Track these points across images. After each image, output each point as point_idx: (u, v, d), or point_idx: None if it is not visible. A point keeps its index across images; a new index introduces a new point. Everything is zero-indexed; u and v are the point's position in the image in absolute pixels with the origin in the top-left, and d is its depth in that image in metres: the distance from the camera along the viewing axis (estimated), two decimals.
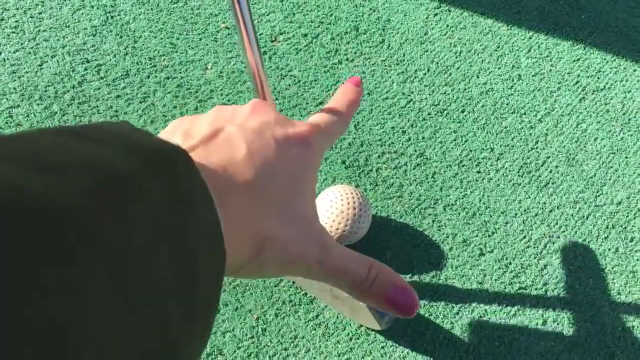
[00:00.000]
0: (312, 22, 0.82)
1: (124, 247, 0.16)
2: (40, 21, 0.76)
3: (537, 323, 0.63)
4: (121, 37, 0.76)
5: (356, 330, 0.61)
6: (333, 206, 0.60)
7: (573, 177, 0.74)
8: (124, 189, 0.17)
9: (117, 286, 0.15)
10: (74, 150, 0.17)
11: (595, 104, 0.81)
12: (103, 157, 0.18)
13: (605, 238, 0.70)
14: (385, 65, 0.80)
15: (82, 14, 0.77)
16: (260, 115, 0.37)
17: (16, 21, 0.75)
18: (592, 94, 0.82)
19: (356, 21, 0.84)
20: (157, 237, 0.18)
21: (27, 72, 0.72)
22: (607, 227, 0.71)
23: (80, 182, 0.16)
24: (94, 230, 0.15)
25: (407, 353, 0.60)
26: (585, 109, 0.80)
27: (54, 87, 0.71)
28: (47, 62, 0.73)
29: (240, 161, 0.32)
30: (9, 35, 0.74)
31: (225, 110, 0.37)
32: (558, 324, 0.63)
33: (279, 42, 0.80)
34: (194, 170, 0.23)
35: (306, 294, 0.61)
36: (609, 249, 0.69)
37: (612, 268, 0.68)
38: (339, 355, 0.59)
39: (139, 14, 0.79)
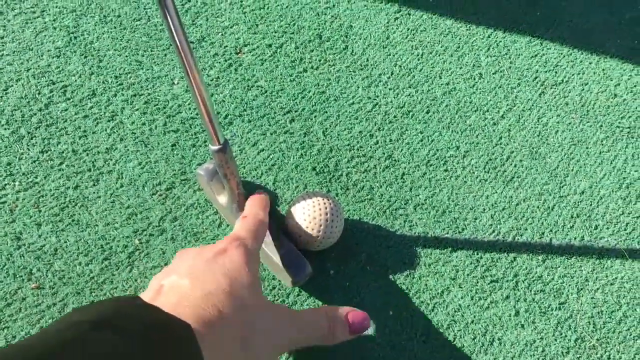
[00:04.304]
0: (275, 32, 0.83)
1: None
2: (3, 45, 0.76)
3: (509, 314, 0.65)
4: (85, 57, 0.77)
5: None
6: (305, 213, 0.61)
7: (537, 170, 0.76)
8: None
9: None
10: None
11: (555, 97, 0.84)
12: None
13: (571, 227, 0.72)
14: (350, 71, 0.82)
15: (45, 35, 0.77)
16: (188, 255, 0.49)
17: None
18: (551, 88, 0.85)
19: (319, 29, 0.85)
20: None
21: None
22: (572, 217, 0.73)
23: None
24: None
25: (387, 352, 0.61)
26: (545, 103, 0.83)
27: (21, 111, 0.71)
28: (12, 86, 0.73)
29: (192, 289, 0.41)
30: None
31: (161, 273, 0.48)
32: (530, 314, 0.65)
33: (244, 53, 0.81)
34: (189, 328, 0.36)
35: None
36: (575, 238, 0.72)
37: (579, 256, 0.70)
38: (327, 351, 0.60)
39: (102, 33, 0.79)
